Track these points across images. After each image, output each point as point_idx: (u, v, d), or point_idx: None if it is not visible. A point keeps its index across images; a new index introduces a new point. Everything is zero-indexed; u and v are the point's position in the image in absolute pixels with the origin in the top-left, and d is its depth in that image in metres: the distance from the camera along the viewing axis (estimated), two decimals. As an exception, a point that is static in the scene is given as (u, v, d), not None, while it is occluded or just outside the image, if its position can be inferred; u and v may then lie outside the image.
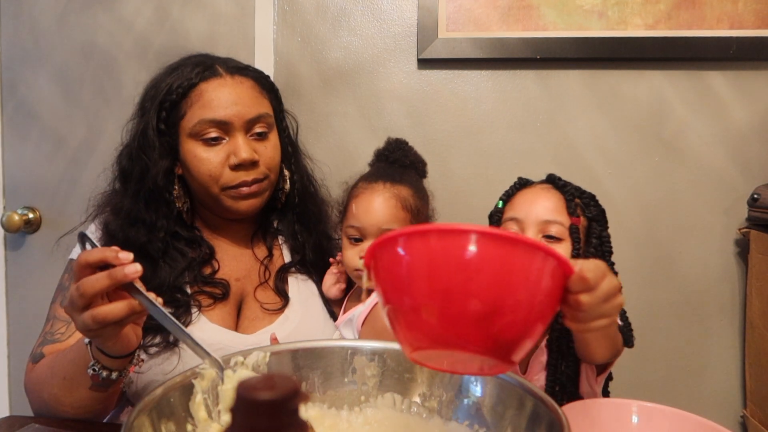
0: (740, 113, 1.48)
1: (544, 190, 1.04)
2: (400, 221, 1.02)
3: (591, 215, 1.04)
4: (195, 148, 1.03)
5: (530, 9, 1.49)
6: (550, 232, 0.98)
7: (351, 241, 1.05)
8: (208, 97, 1.02)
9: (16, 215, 1.66)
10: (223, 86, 1.03)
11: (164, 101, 1.03)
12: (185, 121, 1.03)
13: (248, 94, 1.05)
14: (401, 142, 1.16)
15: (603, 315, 0.58)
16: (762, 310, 1.40)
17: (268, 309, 1.08)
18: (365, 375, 0.72)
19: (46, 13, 1.68)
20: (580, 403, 0.75)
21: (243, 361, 0.70)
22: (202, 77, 1.03)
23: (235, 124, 1.02)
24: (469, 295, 0.47)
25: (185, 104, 1.03)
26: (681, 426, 0.69)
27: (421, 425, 0.69)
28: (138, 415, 0.56)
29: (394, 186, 1.05)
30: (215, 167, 1.02)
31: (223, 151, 1.03)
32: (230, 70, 1.07)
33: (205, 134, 1.02)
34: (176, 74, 1.04)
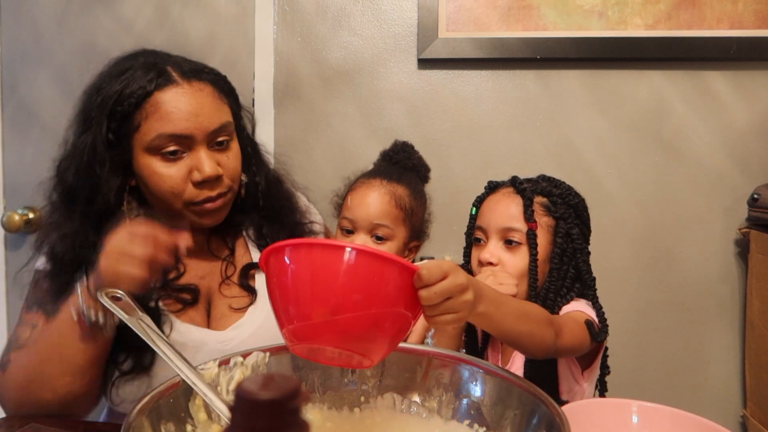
0: (740, 113, 1.48)
1: (506, 196, 1.04)
2: (392, 218, 1.04)
3: (557, 214, 1.03)
4: (153, 163, 0.94)
5: (530, 9, 1.49)
6: (512, 238, 1.00)
7: (343, 233, 1.07)
8: (166, 108, 0.92)
9: (16, 215, 1.66)
10: (182, 96, 0.94)
11: (114, 111, 0.93)
12: (140, 135, 0.93)
13: (208, 102, 0.97)
14: (407, 145, 1.18)
15: (447, 310, 0.63)
16: (762, 310, 1.40)
17: (235, 307, 1.04)
18: (365, 375, 0.72)
19: (47, 14, 1.68)
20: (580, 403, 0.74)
21: (243, 361, 0.70)
22: (157, 85, 0.93)
23: (197, 137, 0.94)
24: (325, 298, 0.56)
25: (139, 116, 0.93)
26: (681, 426, 0.69)
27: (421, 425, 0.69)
28: (137, 416, 0.55)
29: (390, 183, 1.06)
30: (177, 184, 0.94)
31: (184, 166, 0.94)
32: (186, 74, 0.96)
33: (163, 149, 0.93)
34: (125, 79, 0.94)
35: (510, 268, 0.99)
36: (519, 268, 1.00)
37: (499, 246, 1.01)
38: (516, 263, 1.00)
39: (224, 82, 1.05)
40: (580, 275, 1.03)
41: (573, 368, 1.02)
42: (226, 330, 1.02)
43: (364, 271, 0.57)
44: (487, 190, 1.09)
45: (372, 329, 0.58)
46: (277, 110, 1.61)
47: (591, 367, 1.03)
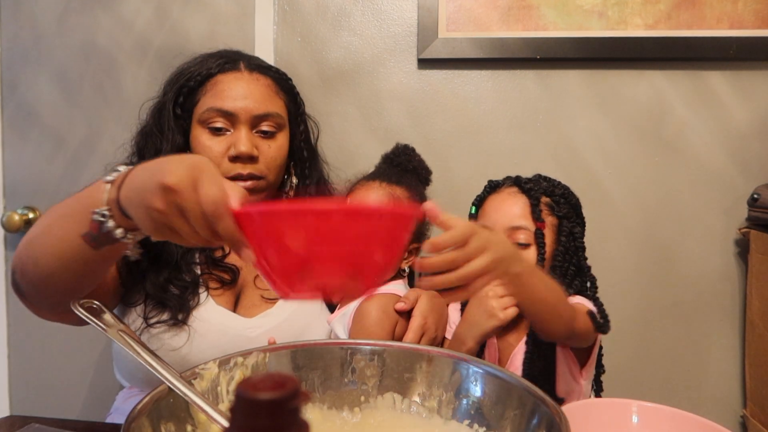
0: (740, 113, 1.48)
1: (511, 195, 1.05)
2: None
3: (561, 214, 1.04)
4: (201, 135, 1.05)
5: (530, 9, 1.49)
6: (518, 239, 1.00)
7: None
8: (221, 87, 1.05)
9: (16, 215, 1.66)
10: (239, 80, 1.06)
11: (183, 86, 1.06)
12: (197, 109, 1.06)
13: (261, 91, 1.08)
14: (408, 148, 1.18)
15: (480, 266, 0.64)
16: (762, 310, 1.40)
17: (266, 297, 1.09)
18: (365, 375, 0.72)
19: (46, 13, 1.68)
20: (580, 403, 0.75)
21: (243, 361, 0.69)
22: (222, 69, 1.07)
23: (240, 117, 1.04)
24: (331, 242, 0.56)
25: (200, 92, 1.06)
26: (681, 426, 0.69)
27: (421, 425, 0.69)
28: (138, 416, 0.55)
29: (389, 186, 1.07)
30: (215, 156, 1.04)
31: (225, 141, 1.05)
32: (251, 66, 1.09)
33: (211, 122, 1.04)
34: (201, 63, 1.09)
35: None
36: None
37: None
38: None
39: (286, 82, 1.15)
40: (581, 272, 1.04)
41: (572, 366, 1.02)
42: (253, 318, 1.06)
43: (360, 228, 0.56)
44: (488, 189, 1.09)
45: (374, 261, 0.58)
46: (277, 110, 1.61)
47: (588, 365, 1.03)
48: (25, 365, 1.75)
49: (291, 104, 1.15)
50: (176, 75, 1.11)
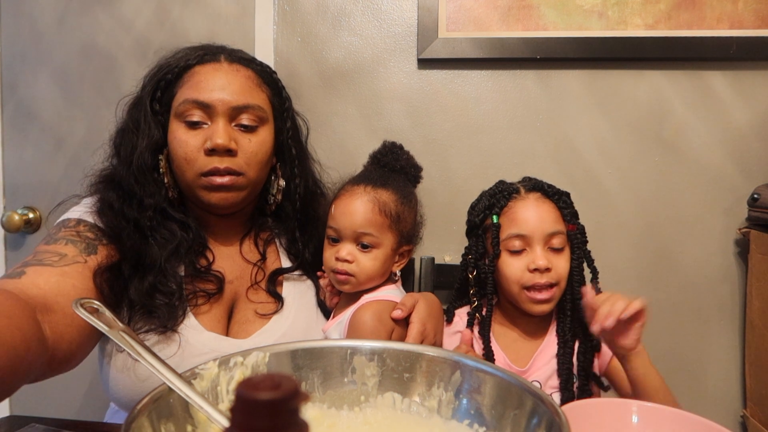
0: (740, 113, 1.48)
1: (540, 201, 1.05)
2: (377, 225, 1.01)
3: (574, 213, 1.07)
4: (178, 129, 1.00)
5: (530, 9, 1.49)
6: (553, 244, 1.02)
7: (330, 242, 1.05)
8: (198, 78, 1.00)
9: (16, 215, 1.66)
10: (217, 71, 1.01)
11: (161, 80, 1.02)
12: (175, 102, 1.01)
13: (241, 82, 1.02)
14: (395, 146, 1.15)
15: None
16: (762, 310, 1.40)
17: (260, 313, 1.04)
18: (365, 375, 0.72)
19: (46, 13, 1.68)
20: (580, 403, 0.74)
21: (243, 361, 0.69)
22: (201, 61, 1.02)
23: (217, 108, 0.98)
24: None
25: (178, 84, 1.01)
26: (681, 426, 0.69)
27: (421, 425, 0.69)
28: (137, 416, 0.55)
29: (375, 190, 1.03)
30: (191, 150, 0.98)
31: (202, 135, 0.99)
32: (231, 58, 1.04)
33: (187, 115, 0.99)
34: (180, 56, 1.04)
35: (560, 270, 1.01)
36: (566, 269, 1.02)
37: (546, 250, 1.02)
38: (564, 266, 1.02)
39: (269, 75, 1.09)
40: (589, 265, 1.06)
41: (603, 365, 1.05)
42: (249, 337, 1.01)
43: None
44: (507, 195, 1.07)
45: None
46: (277, 110, 1.61)
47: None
48: (25, 365, 1.75)
49: (275, 98, 1.08)
50: (155, 69, 1.06)
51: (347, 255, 1.01)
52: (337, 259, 1.02)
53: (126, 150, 1.02)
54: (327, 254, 1.05)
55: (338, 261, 1.02)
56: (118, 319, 0.70)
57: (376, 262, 1.02)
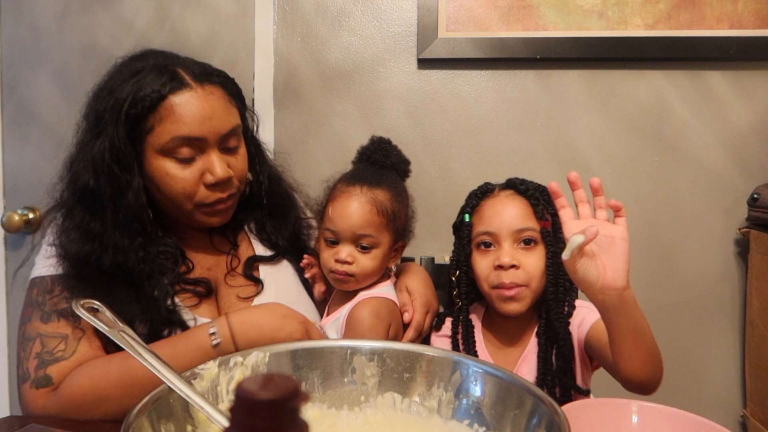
0: (740, 113, 1.48)
1: (510, 198, 1.04)
2: (375, 226, 1.01)
3: (553, 211, 1.04)
4: (166, 165, 0.96)
5: (530, 9, 1.49)
6: (523, 238, 1.00)
7: (327, 244, 1.05)
8: (180, 111, 0.94)
9: (16, 215, 1.66)
10: (195, 99, 0.95)
11: (128, 114, 0.93)
12: (153, 137, 0.95)
13: (220, 106, 0.99)
14: (384, 141, 1.14)
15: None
16: (762, 310, 1.40)
17: (242, 296, 1.06)
18: (365, 375, 0.72)
19: (47, 13, 1.68)
20: (580, 403, 0.74)
21: (242, 361, 0.69)
22: (171, 88, 0.94)
23: (209, 140, 0.96)
24: None
25: (153, 118, 0.94)
26: (681, 426, 0.69)
27: (421, 425, 0.69)
28: (137, 415, 0.55)
29: (371, 190, 1.02)
30: (190, 185, 0.96)
31: (196, 168, 0.97)
32: (197, 78, 0.98)
33: (177, 152, 0.95)
34: (137, 82, 0.95)
35: (530, 268, 0.99)
36: (538, 267, 1.00)
37: (514, 248, 1.00)
38: (534, 263, 1.00)
39: (232, 84, 1.06)
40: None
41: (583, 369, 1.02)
42: None
43: None
44: (480, 194, 1.07)
45: None
46: (277, 110, 1.61)
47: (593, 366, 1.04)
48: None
49: (241, 106, 1.07)
50: (109, 98, 0.96)
51: (347, 257, 1.01)
52: (337, 261, 1.02)
53: (109, 195, 0.95)
54: (325, 255, 1.05)
55: (338, 263, 1.02)
56: (118, 320, 0.70)
57: (375, 261, 1.03)
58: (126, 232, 0.96)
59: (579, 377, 1.02)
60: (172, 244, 1.03)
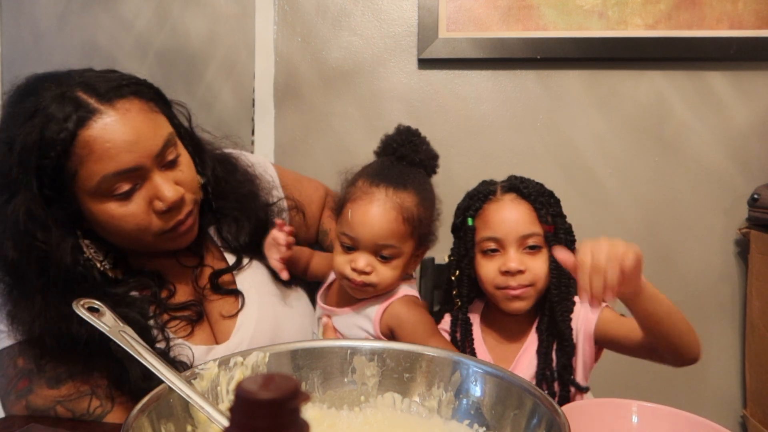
0: (740, 113, 1.48)
1: (514, 203, 1.04)
2: (399, 236, 0.92)
3: (554, 213, 1.05)
4: (107, 207, 0.83)
5: (530, 9, 1.49)
6: (529, 244, 1.00)
7: (344, 249, 0.95)
8: (100, 146, 0.79)
9: (16, 215, 1.66)
10: (111, 125, 0.80)
11: (40, 166, 0.79)
12: (80, 182, 0.81)
13: (142, 121, 0.84)
14: (413, 134, 1.02)
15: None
16: (762, 310, 1.40)
17: (225, 315, 0.97)
18: (365, 375, 0.72)
19: (47, 14, 1.68)
20: (580, 403, 0.75)
21: (242, 361, 0.69)
22: (78, 121, 0.79)
23: (146, 165, 0.83)
24: None
25: (72, 162, 0.79)
26: (681, 426, 0.69)
27: (421, 425, 0.69)
28: (137, 415, 0.55)
29: (396, 193, 0.92)
30: (142, 219, 0.84)
31: (141, 198, 0.84)
32: (104, 97, 0.82)
33: (114, 190, 0.82)
34: (39, 124, 0.79)
35: (536, 270, 1.00)
36: (543, 270, 1.00)
37: (520, 253, 1.01)
38: (539, 267, 1.00)
39: (147, 87, 0.89)
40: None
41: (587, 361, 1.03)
42: (229, 339, 0.96)
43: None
44: (482, 198, 1.07)
45: None
46: (277, 110, 1.61)
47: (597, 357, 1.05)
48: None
49: (165, 108, 0.92)
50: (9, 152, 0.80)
51: (366, 266, 0.92)
52: (354, 270, 0.93)
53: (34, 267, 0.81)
54: (340, 260, 0.95)
55: (354, 271, 0.93)
56: (118, 319, 0.69)
57: (396, 272, 0.94)
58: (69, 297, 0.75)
59: (579, 374, 1.03)
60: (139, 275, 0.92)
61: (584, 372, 1.04)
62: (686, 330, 0.92)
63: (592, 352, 1.04)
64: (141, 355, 0.63)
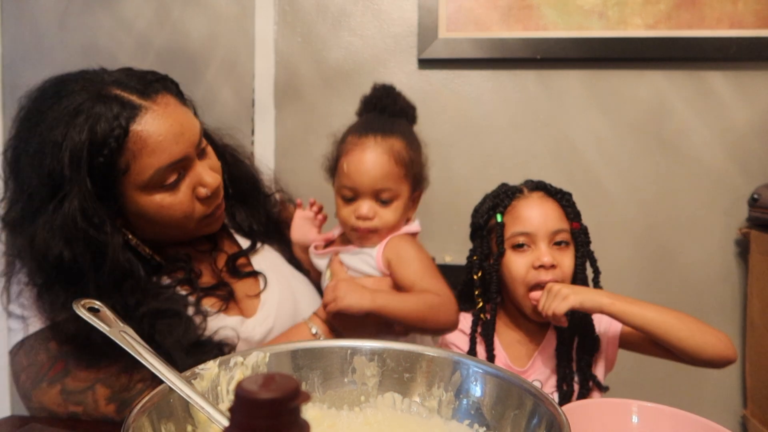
0: (740, 113, 1.48)
1: (543, 199, 1.06)
2: (394, 178, 0.97)
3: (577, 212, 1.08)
4: (155, 198, 0.87)
5: (530, 9, 1.49)
6: (558, 242, 1.02)
7: (345, 201, 1.00)
8: (153, 139, 0.84)
9: (16, 215, 1.66)
10: (158, 119, 0.85)
11: (93, 164, 0.81)
12: (132, 177, 0.84)
13: (181, 113, 0.89)
14: (389, 88, 1.08)
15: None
16: (762, 310, 1.40)
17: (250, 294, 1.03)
18: (365, 375, 0.72)
19: (48, 14, 1.68)
20: (580, 403, 0.75)
21: (243, 361, 0.69)
22: (129, 118, 0.82)
23: (191, 155, 0.89)
24: None
25: (126, 157, 0.83)
26: (681, 426, 0.69)
27: (421, 425, 0.69)
28: (138, 415, 0.55)
29: (385, 139, 0.98)
30: (187, 207, 0.90)
31: (186, 187, 0.89)
32: (144, 93, 0.86)
33: (166, 180, 0.86)
34: (85, 121, 0.81)
35: (565, 268, 1.02)
36: (571, 267, 1.03)
37: (550, 248, 1.02)
38: (568, 263, 1.03)
39: (171, 82, 0.95)
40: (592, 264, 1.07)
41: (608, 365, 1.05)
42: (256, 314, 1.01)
43: None
44: (510, 194, 1.08)
45: None
46: (277, 110, 1.61)
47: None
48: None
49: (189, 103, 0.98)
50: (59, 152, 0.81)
51: (368, 212, 0.97)
52: (358, 218, 0.98)
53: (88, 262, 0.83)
54: (344, 213, 1.00)
55: (359, 219, 0.98)
56: (118, 319, 0.69)
57: (397, 213, 1.00)
58: (119, 292, 0.85)
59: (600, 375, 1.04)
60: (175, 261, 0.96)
61: (604, 374, 1.05)
62: (693, 332, 0.94)
63: (615, 355, 1.06)
64: (141, 356, 0.63)
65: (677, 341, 0.92)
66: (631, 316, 0.94)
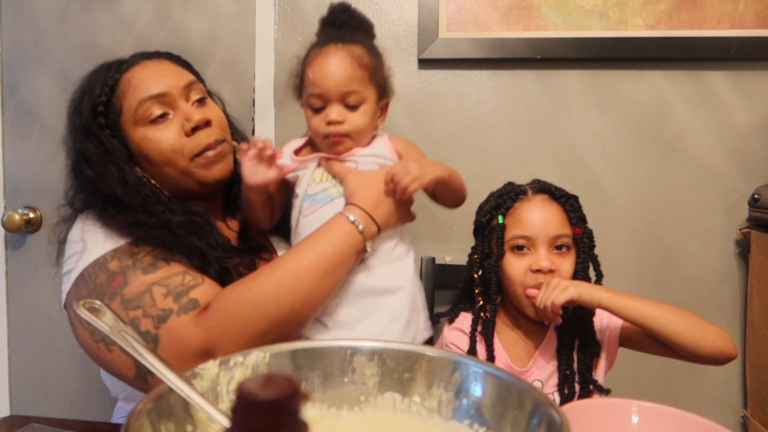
0: (741, 113, 1.48)
1: (546, 203, 1.06)
2: (359, 80, 0.99)
3: (581, 216, 1.07)
4: (147, 132, 1.01)
5: (531, 9, 1.49)
6: (558, 244, 1.02)
7: (314, 111, 1.00)
8: (137, 80, 1.01)
9: (16, 215, 1.66)
10: (147, 67, 1.04)
11: (98, 106, 1.01)
12: (125, 114, 1.01)
13: (171, 68, 1.06)
14: (344, 5, 1.09)
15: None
16: (763, 310, 1.40)
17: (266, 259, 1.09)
18: (365, 375, 0.72)
19: (47, 13, 1.68)
20: (580, 403, 0.75)
21: (243, 361, 0.69)
22: (123, 68, 1.03)
23: (173, 93, 1.02)
24: None
25: (118, 99, 1.01)
26: (681, 426, 0.69)
27: (421, 425, 0.69)
28: (138, 416, 0.55)
29: (345, 46, 1.00)
30: (175, 140, 1.00)
31: (174, 123, 1.01)
32: (146, 56, 1.07)
33: (149, 114, 1.00)
34: (93, 81, 1.04)
35: (564, 273, 1.02)
36: (570, 272, 1.03)
37: (550, 253, 1.02)
38: (567, 268, 1.03)
39: (180, 59, 1.12)
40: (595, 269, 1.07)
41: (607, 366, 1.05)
42: None
43: None
44: (513, 196, 1.08)
45: None
46: (277, 110, 1.61)
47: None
48: (25, 365, 1.75)
49: (198, 76, 1.12)
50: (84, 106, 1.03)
51: (338, 116, 0.98)
52: (329, 124, 0.98)
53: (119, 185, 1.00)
54: (314, 122, 1.00)
55: (330, 125, 0.98)
56: (118, 319, 0.70)
57: (366, 117, 1.00)
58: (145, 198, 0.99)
59: (600, 375, 1.04)
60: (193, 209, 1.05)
61: (604, 373, 1.05)
62: (692, 327, 0.93)
63: (615, 354, 1.06)
64: (141, 355, 0.63)
65: (676, 336, 0.92)
66: (629, 310, 0.93)
